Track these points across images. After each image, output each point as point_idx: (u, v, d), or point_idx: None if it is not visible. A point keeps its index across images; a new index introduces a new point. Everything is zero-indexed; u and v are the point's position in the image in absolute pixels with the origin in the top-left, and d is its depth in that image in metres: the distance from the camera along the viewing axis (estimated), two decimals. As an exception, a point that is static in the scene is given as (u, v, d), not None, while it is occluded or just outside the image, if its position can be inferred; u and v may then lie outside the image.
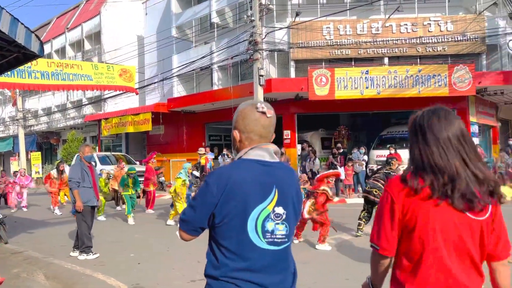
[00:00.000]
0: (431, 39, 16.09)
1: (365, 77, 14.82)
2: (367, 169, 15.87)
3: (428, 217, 1.57)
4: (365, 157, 15.43)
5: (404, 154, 15.06)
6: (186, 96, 19.96)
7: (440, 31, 16.19)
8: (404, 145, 16.29)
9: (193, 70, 18.78)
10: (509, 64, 16.97)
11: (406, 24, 16.43)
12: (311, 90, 14.86)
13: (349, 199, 13.64)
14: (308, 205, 6.92)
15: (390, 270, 1.75)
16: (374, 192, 7.34)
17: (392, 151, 13.75)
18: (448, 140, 1.61)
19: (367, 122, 20.63)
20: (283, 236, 1.70)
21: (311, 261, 6.11)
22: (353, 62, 16.64)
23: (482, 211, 1.56)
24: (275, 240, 1.68)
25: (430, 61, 15.91)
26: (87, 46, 28.53)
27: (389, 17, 16.20)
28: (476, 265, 1.60)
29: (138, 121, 20.26)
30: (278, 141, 16.73)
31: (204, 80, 20.29)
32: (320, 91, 14.94)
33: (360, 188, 14.51)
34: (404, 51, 16.44)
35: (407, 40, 16.28)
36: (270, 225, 1.66)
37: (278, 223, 1.69)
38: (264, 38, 14.43)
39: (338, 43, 16.64)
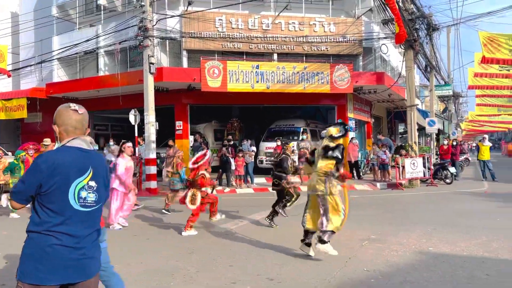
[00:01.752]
0: (316, 38, 17.15)
1: (256, 72, 15.24)
2: (257, 160, 16.43)
3: None
4: (254, 148, 15.93)
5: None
6: (68, 81, 18.39)
7: (324, 31, 17.33)
8: (291, 137, 17.25)
9: (76, 53, 17.36)
10: (381, 66, 18.92)
11: (294, 23, 17.26)
12: (204, 81, 14.80)
13: (240, 189, 13.96)
14: (189, 195, 7.13)
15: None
16: (275, 182, 8.06)
17: (279, 143, 14.38)
18: None
19: (259, 115, 21.29)
20: (93, 202, 2.31)
21: (197, 250, 6.12)
22: (244, 56, 16.98)
23: None
24: (86, 204, 2.28)
25: (314, 60, 16.97)
26: None
27: (278, 14, 16.84)
28: None
29: (11, 107, 18.13)
30: (170, 131, 16.41)
31: (89, 65, 18.91)
32: (213, 83, 14.97)
33: (249, 179, 14.95)
34: (292, 48, 17.26)
35: (295, 38, 17.12)
36: (83, 194, 2.27)
37: (90, 193, 2.29)
38: (155, 25, 13.94)
39: (231, 36, 16.82)
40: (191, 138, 16.40)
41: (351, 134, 17.60)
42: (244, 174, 14.69)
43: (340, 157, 5.43)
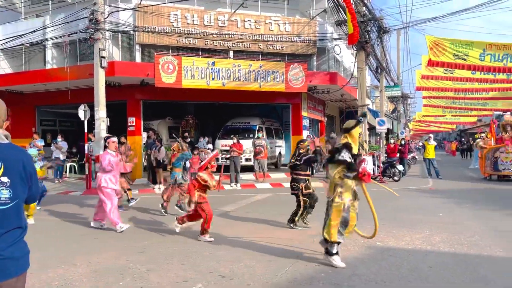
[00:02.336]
0: (272, 37, 17.30)
1: (211, 68, 15.14)
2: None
3: None
4: (210, 146, 15.84)
5: (247, 144, 16.00)
6: (12, 73, 17.41)
7: (279, 30, 17.52)
8: (247, 135, 17.31)
9: (21, 44, 16.46)
10: (334, 66, 19.39)
11: (250, 21, 17.31)
12: (158, 76, 14.50)
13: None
14: (196, 195, 6.51)
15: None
16: (293, 186, 7.32)
17: (235, 140, 14.39)
18: None
19: (215, 112, 21.17)
20: (7, 199, 2.15)
21: (148, 249, 6.00)
22: (200, 52, 16.82)
23: None
24: (0, 201, 2.12)
25: (270, 58, 17.13)
26: None
27: (234, 11, 16.82)
28: None
29: None
30: (123, 127, 15.95)
31: (36, 57, 17.99)
32: (167, 79, 14.70)
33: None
34: (248, 46, 17.31)
35: (251, 36, 17.17)
36: None
37: (3, 189, 2.14)
38: (106, 17, 13.46)
39: (186, 32, 16.60)
40: (144, 135, 16.04)
41: (306, 133, 17.95)
42: (198, 172, 14.57)
43: (348, 160, 4.99)
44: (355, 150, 5.10)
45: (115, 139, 7.63)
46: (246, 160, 16.44)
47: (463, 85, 22.24)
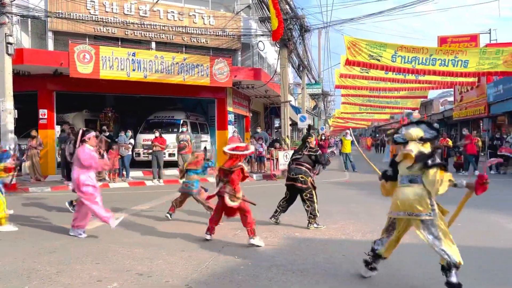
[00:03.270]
0: (196, 30, 17.06)
1: (132, 59, 14.53)
2: (133, 153, 15.75)
3: None
4: (132, 141, 15.25)
5: (170, 138, 15.64)
6: None
7: (204, 24, 17.34)
8: (171, 129, 16.93)
9: None
10: (259, 62, 19.66)
11: (173, 12, 16.91)
12: (73, 66, 13.60)
13: (113, 183, 13.25)
14: (228, 189, 5.74)
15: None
16: (301, 179, 6.85)
17: (157, 135, 14.00)
18: None
19: (136, 105, 20.41)
20: None
21: (59, 250, 5.62)
22: (120, 42, 16.09)
23: None
24: None
25: (194, 51, 16.88)
26: None
27: (157, 1, 16.32)
28: None
29: None
30: (33, 120, 14.76)
31: None
32: (83, 69, 13.85)
33: (124, 172, 14.29)
34: (171, 38, 16.91)
35: (174, 27, 16.79)
36: None
37: None
38: (14, 0, 12.35)
39: (104, 20, 15.76)
40: (58, 128, 15.00)
41: (232, 128, 18.02)
42: (119, 168, 14.00)
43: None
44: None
45: (93, 133, 6.84)
46: (170, 155, 16.09)
47: (377, 84, 23.68)
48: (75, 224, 6.49)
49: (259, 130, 18.22)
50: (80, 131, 6.67)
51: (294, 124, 23.43)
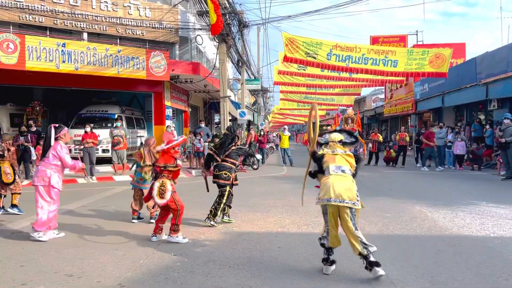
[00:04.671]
0: (131, 21, 16.48)
1: (62, 50, 13.75)
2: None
3: None
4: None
5: (104, 134, 15.02)
6: None
7: (140, 15, 16.81)
8: (104, 124, 16.25)
9: None
10: (197, 56, 19.42)
11: (107, 2, 16.22)
12: (-5, 56, 12.62)
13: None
14: (156, 186, 5.57)
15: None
16: (224, 175, 6.79)
17: (88, 130, 13.38)
18: None
19: (67, 99, 19.35)
20: None
21: (15, 256, 5.21)
22: (48, 32, 15.15)
23: None
24: None
25: (129, 43, 16.31)
26: None
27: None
28: None
29: None
30: None
31: None
32: (7, 59, 12.90)
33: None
34: (104, 29, 16.22)
35: (108, 18, 16.10)
36: None
37: None
38: None
39: (30, 8, 14.74)
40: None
41: (169, 123, 17.66)
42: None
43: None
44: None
45: (66, 129, 6.31)
46: (104, 151, 15.48)
47: (314, 81, 24.40)
48: (42, 228, 5.94)
49: (202, 124, 18.02)
50: (52, 128, 6.16)
51: (234, 120, 23.47)
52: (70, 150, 15.22)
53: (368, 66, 15.75)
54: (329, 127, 20.28)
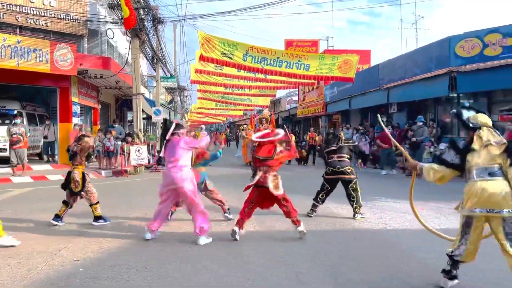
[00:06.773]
0: (33, 10, 15.21)
1: (-52, 37, 12.23)
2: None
3: None
4: None
5: (0, 131, 13.74)
6: None
7: (43, 4, 15.57)
8: (2, 121, 14.89)
9: None
10: (108, 51, 18.50)
11: (4, -13, 14.80)
12: None
13: None
14: (270, 178, 5.60)
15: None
16: (347, 170, 7.04)
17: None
18: None
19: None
20: None
21: None
22: None
23: None
24: None
25: (31, 34, 15.03)
26: None
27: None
28: None
29: None
30: None
31: None
32: None
33: None
34: (2, 17, 14.75)
35: (5, 6, 14.68)
36: None
37: None
38: None
39: None
40: None
41: (76, 120, 16.59)
42: None
43: None
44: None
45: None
46: (1, 150, 14.12)
47: (231, 81, 24.58)
48: None
49: (116, 125, 17.16)
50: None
51: (148, 118, 22.74)
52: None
53: (282, 68, 16.25)
54: (245, 126, 20.57)
